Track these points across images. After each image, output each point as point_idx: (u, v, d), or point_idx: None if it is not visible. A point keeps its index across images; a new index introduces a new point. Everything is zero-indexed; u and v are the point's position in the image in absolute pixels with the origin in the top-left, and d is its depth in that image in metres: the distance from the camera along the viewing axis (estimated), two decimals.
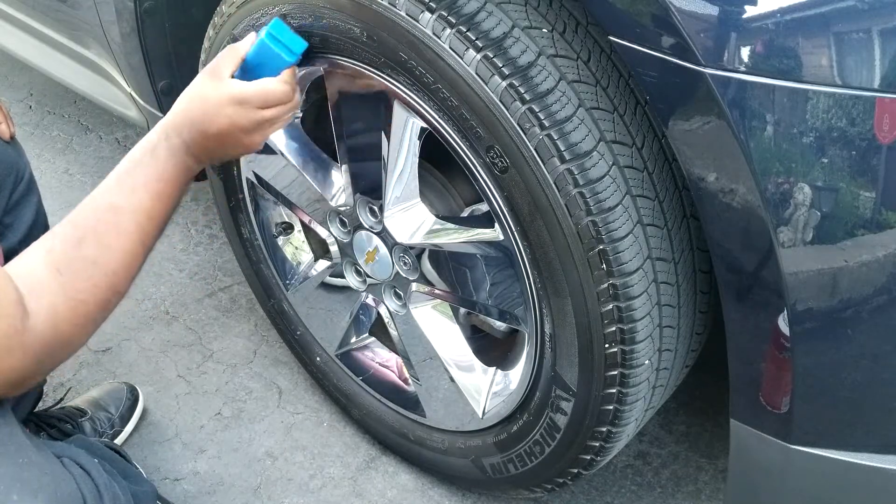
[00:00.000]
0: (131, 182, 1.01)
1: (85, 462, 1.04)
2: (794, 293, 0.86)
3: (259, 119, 1.04)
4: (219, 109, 1.03)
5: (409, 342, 1.36)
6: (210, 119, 1.02)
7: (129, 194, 1.00)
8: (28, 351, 0.91)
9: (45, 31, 1.81)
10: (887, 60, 0.75)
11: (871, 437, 0.95)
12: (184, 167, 1.04)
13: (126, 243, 0.98)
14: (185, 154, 1.04)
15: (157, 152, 1.03)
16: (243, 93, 1.03)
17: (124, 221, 0.98)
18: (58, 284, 0.93)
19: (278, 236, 1.53)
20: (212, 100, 1.03)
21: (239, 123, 1.03)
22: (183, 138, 1.03)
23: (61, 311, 0.93)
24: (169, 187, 1.02)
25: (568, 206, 0.96)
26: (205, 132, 1.03)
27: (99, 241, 0.97)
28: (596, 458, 1.17)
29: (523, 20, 0.98)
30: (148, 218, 1.00)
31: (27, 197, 1.29)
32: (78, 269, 0.94)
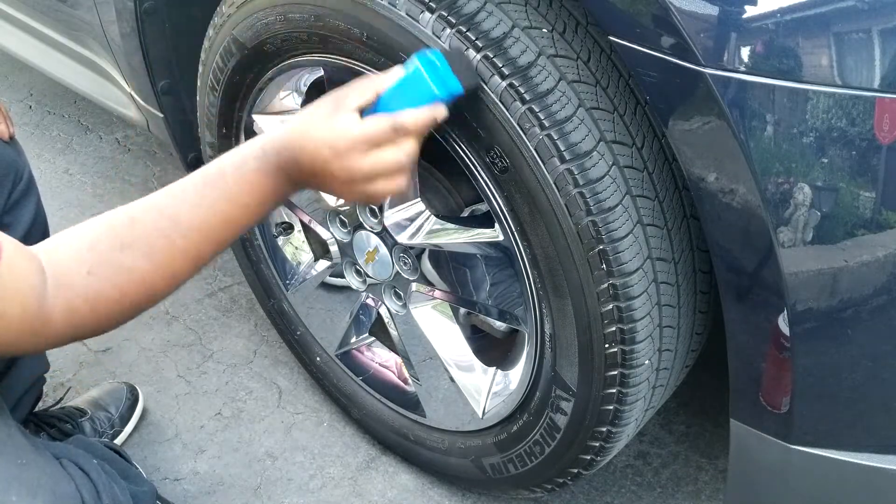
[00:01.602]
0: (203, 195, 0.89)
1: (84, 463, 1.04)
2: (794, 293, 0.86)
3: (356, 172, 0.89)
4: (320, 148, 0.89)
5: (409, 342, 1.36)
6: (307, 152, 0.89)
7: (196, 208, 0.89)
8: (42, 337, 0.87)
9: (45, 31, 1.81)
10: (887, 60, 0.75)
11: (871, 437, 0.95)
12: (271, 191, 0.91)
13: (173, 261, 0.89)
14: (277, 176, 0.90)
15: (245, 169, 0.90)
16: (349, 134, 0.88)
17: (180, 239, 0.88)
18: (83, 285, 0.86)
19: (278, 236, 1.53)
20: (316, 132, 0.89)
21: (337, 170, 0.89)
22: (280, 160, 0.90)
23: (80, 310, 0.87)
24: (245, 210, 0.90)
25: (568, 206, 0.96)
26: (299, 164, 0.90)
27: (144, 251, 0.87)
28: (596, 458, 1.17)
29: (523, 20, 0.98)
30: (207, 239, 0.89)
31: (26, 197, 1.29)
32: (110, 275, 0.87)
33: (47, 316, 0.86)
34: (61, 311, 0.86)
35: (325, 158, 0.89)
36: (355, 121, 0.90)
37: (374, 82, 0.93)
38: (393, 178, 0.92)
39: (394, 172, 0.91)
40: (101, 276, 0.86)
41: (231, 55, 1.27)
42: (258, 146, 0.92)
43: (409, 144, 0.91)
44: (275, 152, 0.91)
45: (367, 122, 0.90)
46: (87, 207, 2.13)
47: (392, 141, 0.90)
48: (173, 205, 0.89)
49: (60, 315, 0.86)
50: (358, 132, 0.89)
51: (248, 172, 0.90)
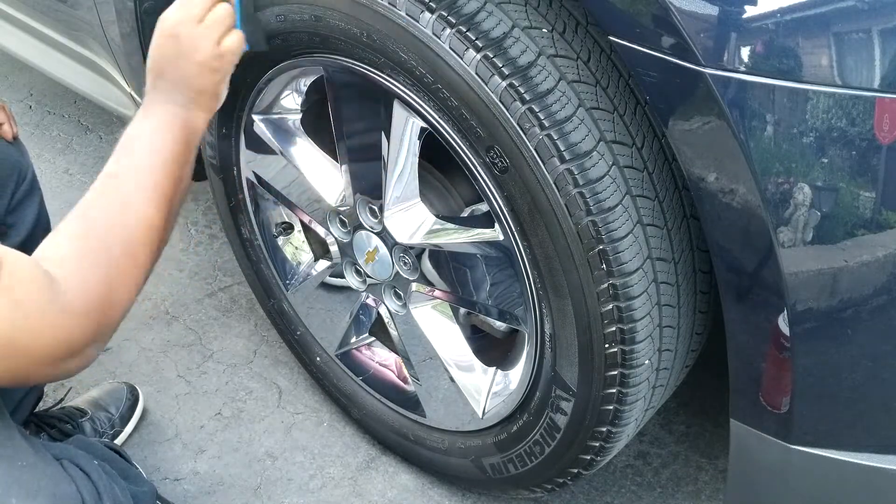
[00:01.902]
0: (126, 147, 1.03)
1: (84, 464, 1.04)
2: (794, 293, 0.86)
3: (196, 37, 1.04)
4: (162, 34, 1.05)
5: (409, 342, 1.36)
6: (156, 46, 1.05)
7: (125, 158, 1.02)
8: (68, 324, 0.91)
9: (45, 31, 1.81)
10: (887, 60, 0.75)
11: (871, 437, 0.95)
12: (163, 112, 1.04)
13: (132, 201, 0.99)
14: (166, 102, 1.04)
15: (136, 116, 1.05)
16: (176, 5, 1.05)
17: (126, 180, 1.00)
18: (76, 249, 0.95)
19: (278, 236, 1.53)
20: (161, 46, 1.06)
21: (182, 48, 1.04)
22: (152, 82, 1.05)
23: (88, 275, 0.94)
24: (159, 136, 1.03)
25: (568, 206, 0.96)
26: (157, 63, 1.05)
27: (105, 203, 0.99)
28: (596, 458, 1.17)
29: (523, 20, 0.98)
30: (149, 171, 1.01)
31: (30, 197, 1.29)
32: (87, 232, 0.96)
33: (62, 298, 0.90)
34: (74, 284, 0.92)
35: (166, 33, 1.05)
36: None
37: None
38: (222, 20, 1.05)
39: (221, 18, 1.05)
40: (81, 236, 0.96)
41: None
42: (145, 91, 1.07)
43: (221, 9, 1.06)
44: (152, 84, 1.06)
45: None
46: None
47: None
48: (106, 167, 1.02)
49: (75, 287, 0.92)
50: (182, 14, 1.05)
51: (139, 114, 1.05)
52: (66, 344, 0.92)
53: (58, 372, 0.96)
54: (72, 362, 0.95)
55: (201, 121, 1.07)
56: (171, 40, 1.04)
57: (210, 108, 1.08)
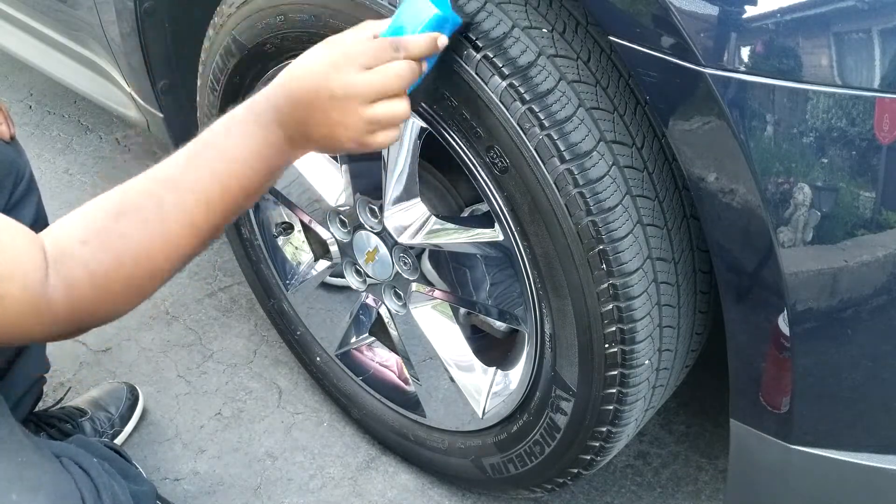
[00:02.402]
0: (194, 156, 0.86)
1: (84, 462, 1.04)
2: (794, 293, 0.86)
3: (358, 86, 0.84)
4: (315, 64, 0.85)
5: (409, 342, 1.36)
6: (303, 80, 0.85)
7: (185, 169, 0.86)
8: (46, 317, 0.83)
9: (45, 31, 1.81)
10: (887, 60, 0.75)
11: (871, 437, 0.95)
12: (263, 143, 0.86)
13: (167, 227, 0.85)
14: (268, 126, 0.87)
15: (231, 123, 0.88)
16: (344, 46, 0.85)
17: (170, 197, 0.84)
18: (79, 255, 0.83)
19: (278, 236, 1.53)
20: (313, 57, 0.86)
21: (331, 88, 0.84)
22: (270, 104, 0.87)
23: (79, 284, 0.83)
24: (237, 167, 0.86)
25: (568, 206, 0.96)
26: (292, 98, 0.86)
27: (139, 216, 0.84)
28: (596, 458, 1.17)
29: (523, 20, 0.98)
30: (199, 200, 0.85)
31: (27, 197, 1.29)
32: (104, 243, 0.84)
33: (50, 295, 0.83)
34: (62, 287, 0.83)
35: (323, 74, 0.84)
36: (352, 42, 0.86)
37: (369, 25, 0.89)
38: (394, 100, 0.86)
39: (395, 92, 0.86)
40: (96, 244, 0.84)
41: (231, 55, 1.27)
42: (250, 102, 0.89)
43: (410, 64, 0.86)
44: (264, 99, 0.88)
45: (366, 42, 0.87)
46: None
47: (392, 58, 0.86)
48: (166, 170, 0.86)
49: (62, 293, 0.83)
50: (355, 46, 0.85)
51: (235, 126, 0.87)
52: (40, 332, 0.86)
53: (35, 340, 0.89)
54: (48, 338, 0.90)
55: (299, 156, 0.91)
56: (324, 81, 0.85)
57: (318, 151, 0.92)
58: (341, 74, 0.84)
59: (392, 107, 0.87)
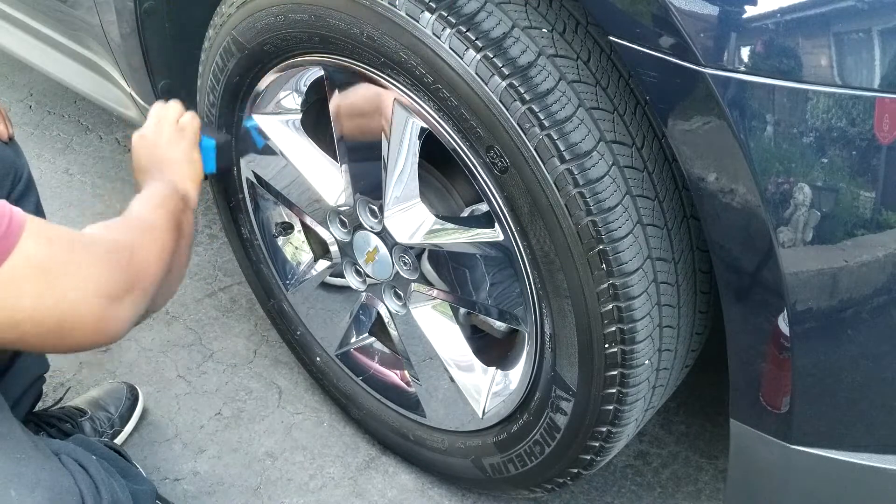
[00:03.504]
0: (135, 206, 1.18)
1: (83, 459, 1.04)
2: (794, 293, 0.86)
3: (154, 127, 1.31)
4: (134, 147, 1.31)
5: (409, 342, 1.36)
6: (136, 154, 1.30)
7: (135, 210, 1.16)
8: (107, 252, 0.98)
9: (45, 31, 1.81)
10: (887, 60, 0.75)
11: (871, 437, 0.95)
12: (164, 184, 1.22)
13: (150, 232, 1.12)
14: (154, 181, 1.24)
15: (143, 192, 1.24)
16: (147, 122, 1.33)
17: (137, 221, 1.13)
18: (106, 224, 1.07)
19: (278, 236, 1.53)
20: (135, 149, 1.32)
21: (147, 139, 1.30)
22: (145, 179, 1.27)
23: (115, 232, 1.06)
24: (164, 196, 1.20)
25: (568, 206, 0.96)
26: (141, 164, 1.30)
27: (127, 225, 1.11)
28: (596, 458, 1.17)
29: (523, 20, 0.98)
30: (156, 220, 1.15)
31: (26, 197, 1.29)
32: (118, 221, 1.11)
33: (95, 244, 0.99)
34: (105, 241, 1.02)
35: (136, 141, 1.31)
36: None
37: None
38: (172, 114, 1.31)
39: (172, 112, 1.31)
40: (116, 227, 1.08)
41: (231, 55, 1.27)
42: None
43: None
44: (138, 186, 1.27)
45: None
46: (86, 207, 2.13)
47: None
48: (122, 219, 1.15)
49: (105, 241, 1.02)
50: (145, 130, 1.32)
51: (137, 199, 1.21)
52: (106, 276, 0.95)
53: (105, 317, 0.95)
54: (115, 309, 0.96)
55: (189, 187, 1.27)
56: (140, 139, 1.30)
57: (191, 176, 1.29)
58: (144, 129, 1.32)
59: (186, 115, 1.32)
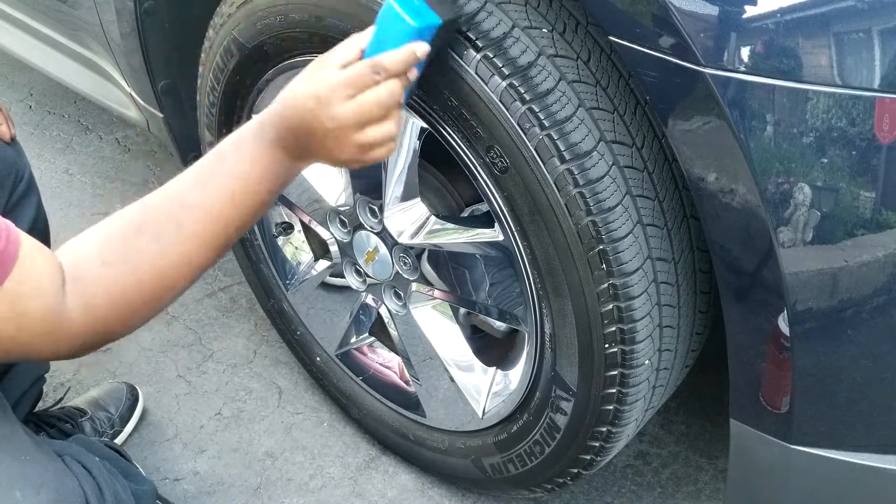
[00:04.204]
0: (208, 177, 0.91)
1: (86, 460, 1.04)
2: (794, 293, 0.86)
3: (344, 118, 0.88)
4: (303, 98, 0.89)
5: (409, 342, 1.36)
6: (295, 109, 0.90)
7: (201, 191, 0.90)
8: (62, 337, 0.85)
9: (45, 31, 1.81)
10: (887, 60, 0.75)
11: (871, 437, 0.95)
12: (271, 163, 0.91)
13: (184, 243, 0.88)
14: (275, 148, 0.91)
15: (242, 146, 0.92)
16: (328, 81, 0.89)
17: (189, 220, 0.88)
18: (99, 277, 0.86)
19: (278, 236, 1.53)
20: (301, 90, 0.90)
21: (324, 121, 0.89)
22: (275, 128, 0.91)
23: (100, 304, 0.86)
24: (250, 186, 0.91)
25: (568, 206, 0.96)
26: (291, 126, 0.91)
27: (157, 236, 0.87)
28: (596, 458, 1.17)
29: (523, 20, 0.98)
30: (217, 219, 0.90)
31: (27, 197, 1.29)
32: (124, 261, 0.87)
33: (67, 314, 0.84)
34: (79, 306, 0.85)
35: (310, 110, 0.89)
36: (335, 70, 0.90)
37: (356, 39, 0.92)
38: (382, 123, 0.91)
39: (381, 116, 0.90)
40: (115, 264, 0.86)
41: (231, 55, 1.27)
42: (255, 121, 0.93)
43: (393, 84, 0.90)
44: (269, 122, 0.91)
45: (346, 68, 0.90)
46: (87, 207, 2.13)
47: (374, 82, 0.89)
48: (178, 188, 0.90)
49: (79, 312, 0.85)
50: (336, 78, 0.89)
51: (245, 147, 0.91)
52: (65, 352, 0.88)
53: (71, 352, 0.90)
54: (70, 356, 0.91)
55: (303, 168, 0.96)
56: (316, 109, 0.89)
57: (320, 163, 0.96)
58: (328, 109, 0.89)
59: (381, 129, 0.91)
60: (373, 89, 0.89)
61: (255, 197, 0.92)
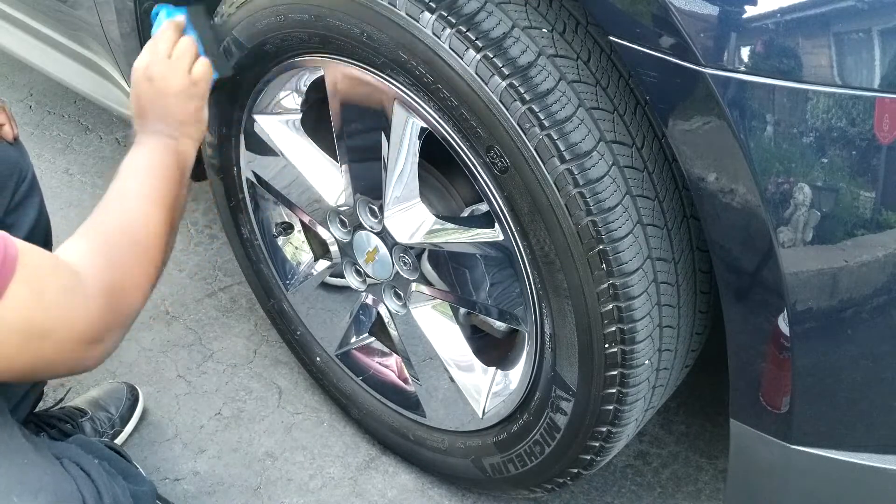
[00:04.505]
0: (126, 173, 1.12)
1: (85, 463, 1.04)
2: (794, 293, 0.86)
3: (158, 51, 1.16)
4: (136, 82, 1.16)
5: (409, 342, 1.36)
6: (134, 88, 1.16)
7: (125, 181, 1.11)
8: (87, 296, 0.95)
9: (45, 31, 1.81)
10: (887, 60, 0.75)
11: (871, 437, 0.95)
12: (163, 145, 1.14)
13: (138, 214, 1.07)
14: (153, 134, 1.14)
15: (136, 145, 1.15)
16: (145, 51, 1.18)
17: (129, 199, 1.09)
18: (89, 244, 1.02)
19: (278, 236, 1.53)
20: (134, 80, 1.17)
21: (151, 74, 1.15)
22: (140, 126, 1.16)
23: (99, 259, 1.00)
24: (160, 163, 1.12)
25: (568, 206, 0.96)
26: (139, 103, 1.16)
27: (114, 216, 1.07)
28: (596, 458, 1.17)
29: (523, 20, 0.98)
30: (150, 191, 1.09)
31: (30, 197, 1.29)
32: (98, 225, 1.05)
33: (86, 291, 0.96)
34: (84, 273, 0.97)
35: (140, 78, 1.16)
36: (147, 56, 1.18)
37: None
38: (187, 52, 1.17)
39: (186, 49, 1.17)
40: (91, 230, 1.04)
41: (231, 55, 1.27)
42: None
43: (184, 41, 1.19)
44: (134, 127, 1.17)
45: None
46: (86, 207, 2.13)
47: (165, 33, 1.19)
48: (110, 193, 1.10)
49: (90, 279, 0.96)
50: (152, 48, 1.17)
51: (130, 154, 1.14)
52: (87, 326, 0.96)
53: (82, 359, 0.98)
54: (94, 349, 0.98)
55: (190, 147, 1.17)
56: (146, 82, 1.15)
57: (195, 135, 1.18)
58: (151, 68, 1.16)
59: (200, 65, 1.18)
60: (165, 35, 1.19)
61: (166, 169, 1.12)
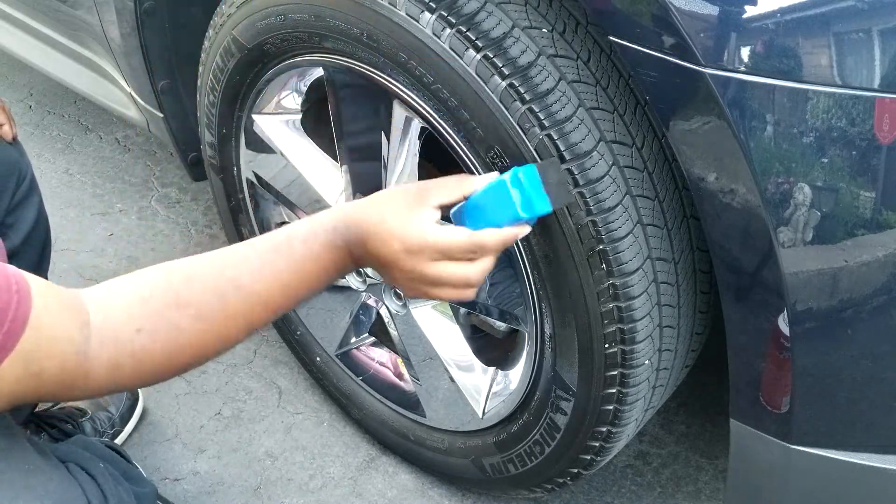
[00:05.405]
0: (265, 263, 0.87)
1: (90, 467, 1.04)
2: (794, 293, 0.86)
3: (426, 276, 0.88)
4: (390, 239, 0.87)
5: (409, 342, 1.36)
6: (378, 239, 0.88)
7: (257, 275, 0.87)
8: (80, 389, 0.83)
9: (45, 31, 1.81)
10: (887, 60, 0.75)
11: (871, 437, 0.95)
12: (332, 264, 0.90)
13: (227, 324, 0.86)
14: (343, 254, 0.90)
15: (311, 242, 0.89)
16: (423, 236, 0.87)
17: (235, 302, 0.86)
18: (131, 341, 0.82)
19: None
20: (391, 222, 0.87)
21: (402, 267, 0.88)
22: (349, 237, 0.89)
23: (125, 367, 0.83)
24: (304, 281, 0.89)
25: (568, 206, 0.96)
26: (367, 247, 0.89)
27: (199, 312, 0.84)
28: (596, 458, 1.17)
29: (523, 20, 0.98)
30: (264, 305, 0.87)
31: (29, 198, 1.29)
32: (161, 334, 0.83)
33: (88, 370, 0.82)
34: (105, 366, 0.82)
35: (394, 251, 0.87)
36: (432, 223, 0.88)
37: (462, 182, 0.92)
38: (459, 289, 0.90)
39: (462, 286, 0.90)
40: (151, 334, 0.83)
41: (231, 55, 1.27)
42: (330, 221, 0.90)
43: (486, 262, 0.90)
44: (345, 228, 0.89)
45: (446, 231, 0.88)
46: (86, 207, 2.13)
47: (467, 259, 0.89)
48: (235, 267, 0.87)
49: (104, 370, 0.82)
50: (433, 239, 0.87)
51: (315, 245, 0.89)
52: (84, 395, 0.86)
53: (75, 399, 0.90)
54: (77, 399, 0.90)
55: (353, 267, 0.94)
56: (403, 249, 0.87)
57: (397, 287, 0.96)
58: (412, 260, 0.88)
59: (455, 292, 0.91)
60: (463, 265, 0.89)
61: (306, 291, 0.90)
